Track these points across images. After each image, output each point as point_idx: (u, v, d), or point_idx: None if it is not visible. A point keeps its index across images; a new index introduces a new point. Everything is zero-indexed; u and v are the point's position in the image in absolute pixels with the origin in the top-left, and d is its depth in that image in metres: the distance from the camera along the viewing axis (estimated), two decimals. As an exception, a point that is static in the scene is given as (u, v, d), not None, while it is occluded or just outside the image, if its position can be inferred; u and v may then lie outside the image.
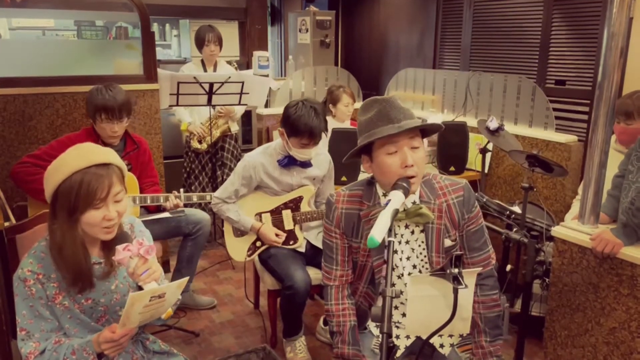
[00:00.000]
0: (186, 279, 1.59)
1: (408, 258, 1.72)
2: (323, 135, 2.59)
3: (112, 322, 1.60)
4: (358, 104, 4.83)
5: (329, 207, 1.78)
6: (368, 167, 1.71)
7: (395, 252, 1.70)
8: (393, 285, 1.73)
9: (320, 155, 2.75)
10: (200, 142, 4.01)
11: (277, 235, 2.68)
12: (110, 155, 1.56)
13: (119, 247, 1.49)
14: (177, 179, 4.21)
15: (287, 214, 2.71)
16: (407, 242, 1.72)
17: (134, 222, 1.73)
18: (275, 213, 2.73)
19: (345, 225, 1.75)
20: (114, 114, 2.64)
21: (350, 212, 1.74)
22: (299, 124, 2.48)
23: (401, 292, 1.65)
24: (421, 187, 1.70)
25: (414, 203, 1.68)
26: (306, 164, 2.68)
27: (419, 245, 1.72)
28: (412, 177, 1.59)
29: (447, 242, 1.71)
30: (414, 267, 1.73)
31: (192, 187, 4.12)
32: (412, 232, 1.72)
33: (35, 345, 1.52)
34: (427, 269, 1.73)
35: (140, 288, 1.51)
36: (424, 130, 1.69)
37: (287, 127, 2.54)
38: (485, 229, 1.79)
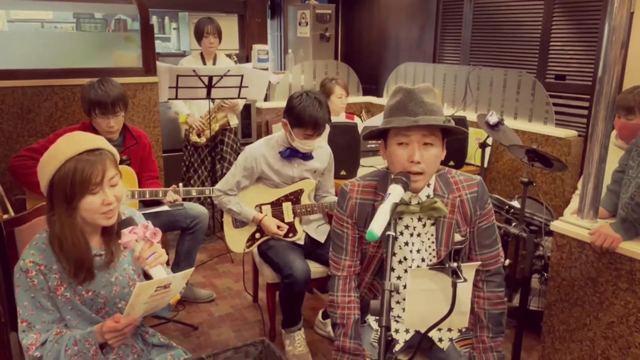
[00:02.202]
0: (191, 269, 1.58)
1: (418, 251, 1.72)
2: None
3: (111, 314, 1.60)
4: (353, 97, 4.87)
5: (343, 197, 1.76)
6: (383, 153, 1.70)
7: (406, 244, 1.70)
8: (399, 278, 1.73)
9: (321, 148, 2.75)
10: (199, 135, 3.99)
11: (279, 227, 2.69)
12: (100, 141, 1.56)
13: (125, 231, 1.48)
14: (176, 172, 4.20)
15: (287, 207, 2.71)
16: (418, 235, 1.71)
17: (134, 214, 1.72)
18: (276, 205, 2.73)
19: (359, 215, 1.74)
20: (107, 109, 2.62)
21: (365, 202, 1.73)
22: (304, 115, 2.48)
23: (404, 286, 1.65)
24: (436, 181, 1.70)
25: (428, 197, 1.68)
26: (307, 156, 2.68)
27: (429, 239, 1.72)
28: (416, 173, 1.58)
29: (457, 237, 1.71)
30: (423, 260, 1.72)
31: (192, 181, 4.12)
32: (424, 225, 1.71)
33: (37, 337, 1.52)
34: (434, 262, 1.73)
35: (145, 273, 1.51)
36: (447, 131, 1.64)
37: (291, 117, 2.54)
38: (495, 226, 1.77)
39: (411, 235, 1.70)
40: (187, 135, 4.06)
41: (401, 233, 1.70)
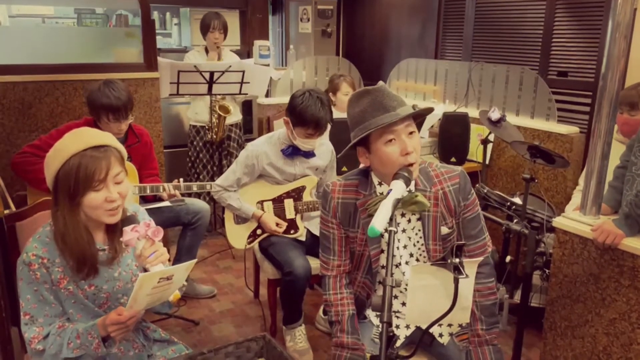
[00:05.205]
0: (194, 261, 1.57)
1: (405, 247, 1.72)
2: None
3: (113, 308, 1.60)
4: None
5: (325, 198, 1.77)
6: (365, 160, 1.69)
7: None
8: (392, 275, 1.73)
9: (323, 146, 2.75)
10: (216, 133, 3.94)
11: (277, 225, 2.68)
12: (107, 138, 1.55)
13: (127, 228, 1.49)
14: (178, 168, 4.20)
15: (289, 203, 2.71)
16: (403, 231, 1.71)
17: (138, 210, 1.72)
18: (277, 202, 2.72)
19: (342, 215, 1.75)
20: (120, 114, 2.61)
21: (347, 201, 1.74)
22: (306, 115, 2.47)
23: (400, 281, 1.65)
24: (417, 175, 1.69)
25: (409, 191, 1.67)
26: (309, 154, 2.68)
27: (416, 234, 1.72)
28: (413, 164, 1.59)
29: (444, 230, 1.71)
30: (411, 255, 1.73)
31: (201, 177, 4.08)
32: (409, 221, 1.71)
33: (39, 330, 1.53)
34: (424, 257, 1.73)
35: (145, 271, 1.51)
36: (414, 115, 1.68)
37: (293, 116, 2.53)
38: (481, 216, 1.78)
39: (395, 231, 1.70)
40: (192, 131, 4.04)
41: (385, 230, 1.70)
